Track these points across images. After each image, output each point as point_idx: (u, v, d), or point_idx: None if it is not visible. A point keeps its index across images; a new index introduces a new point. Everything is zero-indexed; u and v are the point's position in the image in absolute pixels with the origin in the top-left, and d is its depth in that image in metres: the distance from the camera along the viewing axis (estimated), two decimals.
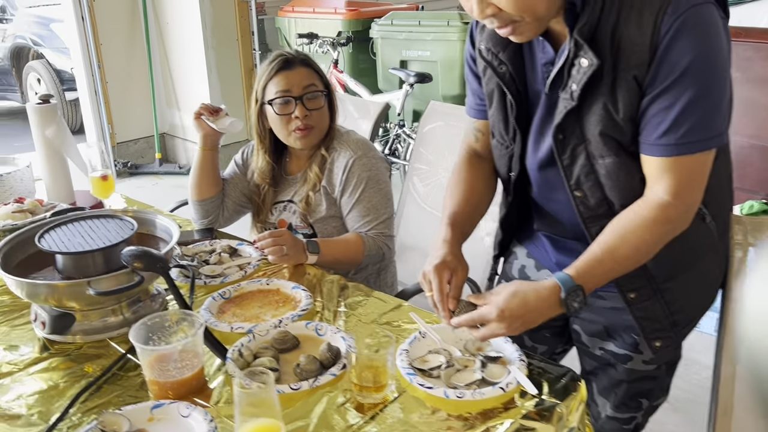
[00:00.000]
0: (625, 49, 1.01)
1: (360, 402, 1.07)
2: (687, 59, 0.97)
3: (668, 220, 1.07)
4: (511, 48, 1.16)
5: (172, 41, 4.75)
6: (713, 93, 1.01)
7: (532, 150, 1.23)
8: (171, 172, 4.92)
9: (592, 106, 1.07)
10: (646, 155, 1.07)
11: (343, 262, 1.64)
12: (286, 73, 1.65)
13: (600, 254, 1.08)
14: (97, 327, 1.28)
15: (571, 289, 1.05)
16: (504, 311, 1.04)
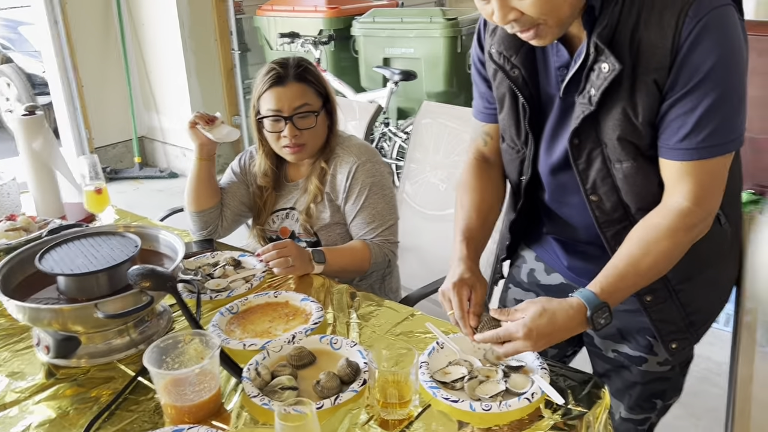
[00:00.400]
0: (645, 52, 1.00)
1: (384, 419, 1.05)
2: (709, 62, 0.96)
3: (690, 227, 1.06)
4: (523, 51, 1.14)
5: (149, 42, 4.66)
6: (734, 96, 1.00)
7: (544, 154, 1.21)
8: (151, 176, 4.83)
9: (610, 110, 1.05)
10: (665, 159, 1.06)
11: (350, 270, 1.61)
12: (278, 90, 1.60)
13: (623, 268, 1.06)
14: (102, 349, 1.24)
15: (597, 307, 1.04)
16: (532, 330, 1.02)
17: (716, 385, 2.37)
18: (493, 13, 1.00)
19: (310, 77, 1.63)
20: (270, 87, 1.60)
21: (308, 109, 1.61)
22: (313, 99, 1.63)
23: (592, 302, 1.04)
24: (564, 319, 1.03)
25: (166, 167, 4.95)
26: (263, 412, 1.07)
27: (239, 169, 1.80)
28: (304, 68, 1.63)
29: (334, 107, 1.69)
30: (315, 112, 1.62)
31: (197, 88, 4.63)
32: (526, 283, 1.44)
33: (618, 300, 1.07)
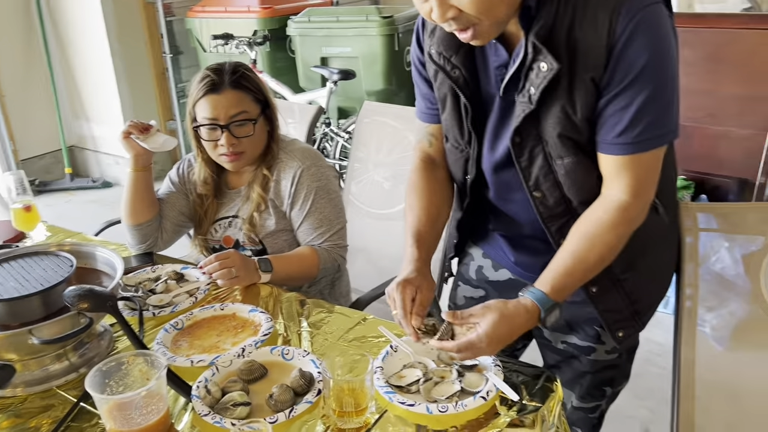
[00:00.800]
0: (581, 50, 1.01)
1: (341, 428, 1.03)
2: (642, 60, 0.99)
3: (630, 220, 1.09)
4: (463, 51, 1.15)
5: (74, 48, 4.47)
6: (666, 90, 1.03)
7: (488, 153, 1.22)
8: (84, 186, 4.65)
9: (550, 108, 1.07)
10: (603, 154, 1.09)
11: (298, 277, 1.58)
12: (213, 98, 1.55)
13: (571, 265, 1.09)
14: (40, 376, 1.17)
15: (550, 308, 1.07)
16: (492, 339, 1.03)
17: (658, 365, 2.45)
18: (431, 11, 0.99)
19: (247, 83, 1.58)
20: (205, 94, 1.55)
21: (245, 117, 1.57)
22: (251, 106, 1.59)
23: (545, 303, 1.07)
24: (520, 322, 1.06)
25: (99, 177, 4.77)
26: (215, 430, 1.03)
27: (177, 179, 1.75)
28: (241, 74, 1.58)
29: (273, 112, 1.64)
30: (253, 119, 1.58)
31: (128, 94, 4.47)
32: (475, 280, 1.45)
33: (567, 296, 1.10)
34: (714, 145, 2.78)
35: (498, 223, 1.33)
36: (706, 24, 2.68)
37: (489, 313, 1.05)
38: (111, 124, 4.56)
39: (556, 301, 1.07)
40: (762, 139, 2.66)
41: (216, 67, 1.59)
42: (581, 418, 1.42)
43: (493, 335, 1.03)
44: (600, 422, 1.47)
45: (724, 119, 2.74)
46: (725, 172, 2.81)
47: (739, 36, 2.63)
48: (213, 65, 1.60)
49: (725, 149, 2.78)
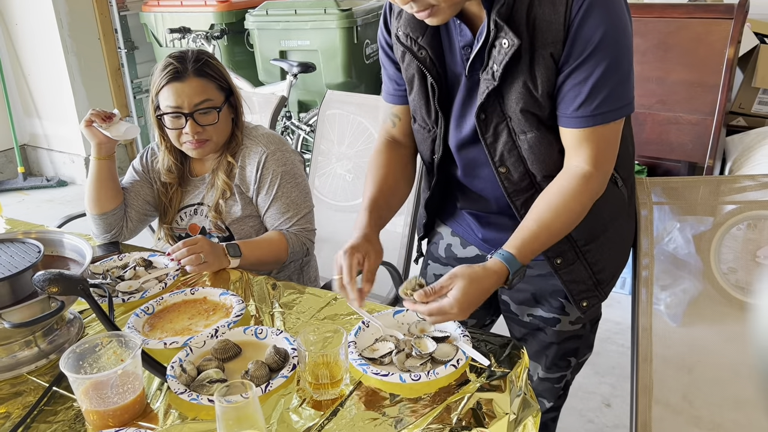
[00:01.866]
0: (541, 28, 1.06)
1: (317, 400, 1.06)
2: (598, 35, 1.04)
3: (592, 189, 1.14)
4: (429, 32, 1.18)
5: (24, 44, 4.35)
6: (622, 64, 1.08)
7: (454, 131, 1.26)
8: (38, 186, 4.53)
9: (512, 84, 1.11)
10: (564, 128, 1.14)
11: (267, 262, 1.59)
12: (177, 86, 1.54)
13: (537, 230, 1.13)
14: (8, 363, 1.16)
15: (517, 270, 1.11)
16: (463, 303, 1.06)
17: (616, 343, 2.54)
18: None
19: (211, 71, 1.58)
20: (168, 82, 1.54)
21: (209, 105, 1.56)
22: (215, 94, 1.58)
23: (514, 265, 1.11)
24: (489, 284, 1.09)
25: (54, 175, 4.65)
26: (192, 408, 1.04)
27: (141, 168, 1.73)
28: (204, 62, 1.57)
29: (238, 100, 1.65)
30: (217, 107, 1.58)
31: (82, 91, 4.38)
32: (444, 258, 1.48)
33: (530, 259, 1.14)
34: (664, 130, 2.89)
35: (465, 200, 1.37)
36: (655, 14, 2.78)
37: (457, 280, 1.08)
38: (65, 122, 4.46)
39: (523, 265, 1.11)
40: (710, 124, 2.77)
41: (179, 54, 1.58)
42: (548, 389, 1.48)
43: (463, 300, 1.06)
44: (565, 393, 1.53)
45: (673, 105, 2.84)
46: (675, 156, 2.93)
47: (685, 25, 2.74)
48: (176, 53, 1.59)
49: (675, 134, 2.89)
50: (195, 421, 1.02)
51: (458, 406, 1.02)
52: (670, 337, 1.51)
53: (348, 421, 1.01)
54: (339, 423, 1.00)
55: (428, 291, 1.08)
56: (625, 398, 2.27)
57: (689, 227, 1.58)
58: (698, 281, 1.54)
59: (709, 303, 1.53)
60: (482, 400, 1.04)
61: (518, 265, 1.11)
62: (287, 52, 4.04)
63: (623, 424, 2.15)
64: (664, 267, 1.48)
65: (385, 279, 1.99)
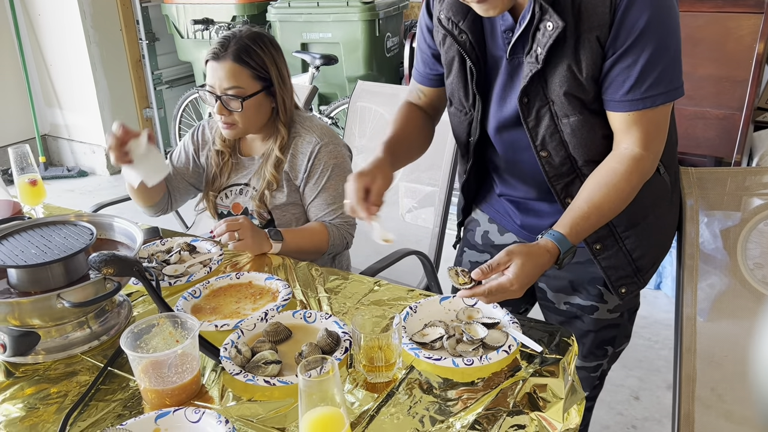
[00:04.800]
0: (586, 11, 1.07)
1: (371, 383, 1.07)
2: (645, 18, 1.05)
3: (642, 170, 1.15)
4: (471, 17, 1.19)
5: (47, 34, 4.37)
6: (670, 48, 1.09)
7: (494, 114, 1.27)
8: (59, 176, 4.56)
9: (556, 67, 1.12)
10: (613, 112, 1.14)
11: (308, 251, 1.60)
12: (213, 65, 1.56)
13: (587, 210, 1.14)
14: (61, 344, 1.17)
15: (568, 250, 1.11)
16: (522, 279, 1.07)
17: (644, 337, 2.54)
18: None
19: (249, 59, 1.55)
20: (210, 59, 1.57)
21: (237, 93, 1.54)
22: (247, 82, 1.55)
23: (565, 245, 1.11)
24: (543, 262, 1.10)
25: (74, 166, 4.68)
26: (246, 389, 1.06)
27: (192, 146, 1.76)
28: (244, 47, 1.55)
29: (282, 91, 1.61)
30: (243, 97, 1.54)
31: (104, 81, 4.40)
32: (481, 245, 1.49)
33: (581, 239, 1.15)
34: (691, 125, 2.88)
35: (504, 186, 1.38)
36: (684, 7, 2.76)
37: (515, 257, 1.08)
38: (86, 113, 4.48)
39: (573, 244, 1.12)
40: (737, 119, 2.76)
41: (230, 33, 1.58)
42: (584, 378, 1.48)
43: (522, 276, 1.07)
44: (601, 383, 1.53)
45: (700, 100, 2.83)
46: (702, 152, 2.91)
47: (715, 19, 2.73)
48: (231, 31, 1.59)
49: (702, 129, 2.87)
50: (252, 401, 1.03)
51: (514, 391, 1.03)
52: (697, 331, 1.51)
53: (404, 403, 1.02)
54: (395, 405, 1.01)
55: (485, 269, 1.08)
56: (654, 391, 2.27)
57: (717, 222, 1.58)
58: (725, 276, 1.54)
59: (735, 298, 1.53)
60: (537, 385, 1.04)
61: (569, 244, 1.11)
62: (309, 44, 4.05)
63: (653, 417, 2.15)
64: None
65: (417, 268, 2.00)
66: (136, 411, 1.03)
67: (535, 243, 1.12)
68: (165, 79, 4.64)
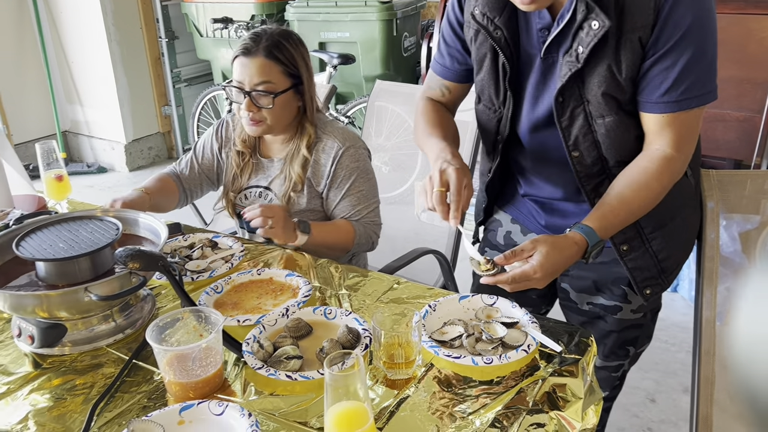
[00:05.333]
0: (630, 11, 1.07)
1: (390, 379, 1.08)
2: (688, 20, 1.05)
3: (673, 171, 1.15)
4: (506, 13, 1.19)
5: (69, 32, 4.43)
6: (708, 51, 1.09)
7: (525, 113, 1.26)
8: (78, 171, 4.62)
9: (596, 67, 1.12)
10: (646, 113, 1.14)
11: (333, 247, 1.59)
12: (243, 61, 1.54)
13: (617, 206, 1.14)
14: (87, 336, 1.20)
15: (596, 243, 1.11)
16: (546, 269, 1.07)
17: (659, 339, 2.54)
18: None
19: (280, 55, 1.54)
20: (239, 55, 1.56)
21: (268, 89, 1.54)
22: (279, 78, 1.55)
23: (593, 238, 1.11)
24: (570, 253, 1.10)
25: (94, 162, 4.74)
26: (268, 383, 1.07)
27: (216, 143, 1.76)
28: (276, 43, 1.54)
29: (309, 89, 1.61)
30: (274, 93, 1.55)
31: (123, 79, 4.45)
32: (503, 246, 1.49)
33: (609, 235, 1.15)
34: (710, 127, 2.86)
35: (529, 186, 1.38)
36: None
37: (540, 245, 1.08)
38: (106, 109, 4.53)
39: (602, 239, 1.12)
40: (758, 122, 2.74)
41: (260, 30, 1.57)
42: (604, 378, 1.48)
43: (546, 265, 1.07)
44: (621, 383, 1.54)
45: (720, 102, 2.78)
46: (721, 154, 2.90)
47: (737, 20, 2.71)
48: (260, 27, 1.58)
49: (722, 131, 2.86)
50: (273, 395, 1.05)
51: (533, 390, 1.03)
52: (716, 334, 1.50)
53: (423, 400, 1.03)
54: (414, 402, 1.02)
55: (508, 254, 1.08)
56: (670, 394, 2.26)
57: (735, 225, 1.57)
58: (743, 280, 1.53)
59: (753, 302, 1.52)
60: (557, 384, 1.05)
61: (597, 238, 1.11)
62: (326, 43, 4.07)
63: (669, 420, 2.14)
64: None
65: (434, 268, 2.01)
66: (160, 403, 1.05)
67: (563, 235, 1.12)
68: (184, 77, 4.69)
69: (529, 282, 1.08)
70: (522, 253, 1.09)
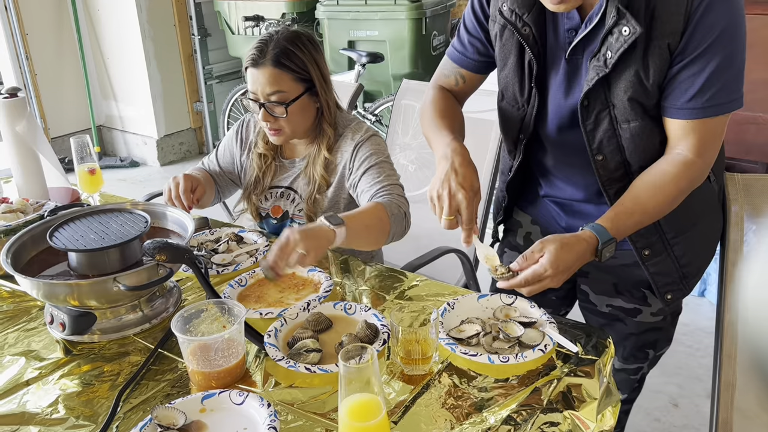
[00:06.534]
0: (660, 17, 1.06)
1: (407, 375, 1.10)
2: (718, 28, 1.04)
3: (692, 176, 1.15)
4: (535, 11, 1.19)
5: (105, 28, 4.54)
6: (736, 59, 1.08)
7: (550, 113, 1.26)
8: (112, 165, 4.73)
9: (623, 73, 1.12)
10: (671, 118, 1.14)
11: (373, 228, 1.41)
12: (253, 72, 1.51)
13: (631, 207, 1.14)
14: (115, 325, 1.24)
15: (607, 241, 1.11)
16: (557, 266, 1.08)
17: (684, 344, 2.51)
18: None
19: (288, 62, 1.50)
20: (249, 66, 1.53)
21: (280, 98, 1.50)
22: (289, 85, 1.51)
23: (604, 236, 1.12)
24: (580, 250, 1.10)
25: (127, 156, 4.85)
26: (288, 375, 1.10)
27: (238, 144, 1.75)
28: (283, 50, 1.50)
29: (324, 91, 1.58)
30: (286, 102, 1.50)
31: (157, 75, 4.54)
32: (523, 247, 1.49)
33: (624, 236, 1.15)
34: (742, 130, 2.81)
35: (550, 187, 1.38)
36: None
37: (548, 244, 1.09)
38: (139, 105, 4.63)
39: (613, 237, 1.12)
40: None
41: (266, 37, 1.53)
42: (623, 380, 1.48)
43: (556, 262, 1.07)
44: (640, 386, 1.53)
45: (752, 104, 2.75)
46: (753, 157, 2.84)
47: None
48: (265, 35, 1.55)
49: (753, 134, 2.80)
50: (293, 387, 1.07)
51: (548, 389, 1.04)
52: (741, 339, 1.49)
53: (438, 396, 1.04)
54: (430, 397, 1.04)
55: (521, 260, 1.10)
56: (693, 399, 2.24)
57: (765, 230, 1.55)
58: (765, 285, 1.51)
59: None
60: (572, 384, 1.06)
61: (608, 236, 1.11)
62: (355, 42, 4.09)
63: (691, 425, 2.12)
64: None
65: (456, 267, 2.02)
66: (183, 391, 1.08)
67: (573, 233, 1.13)
68: (215, 73, 4.76)
69: (543, 282, 1.09)
70: (533, 255, 1.10)
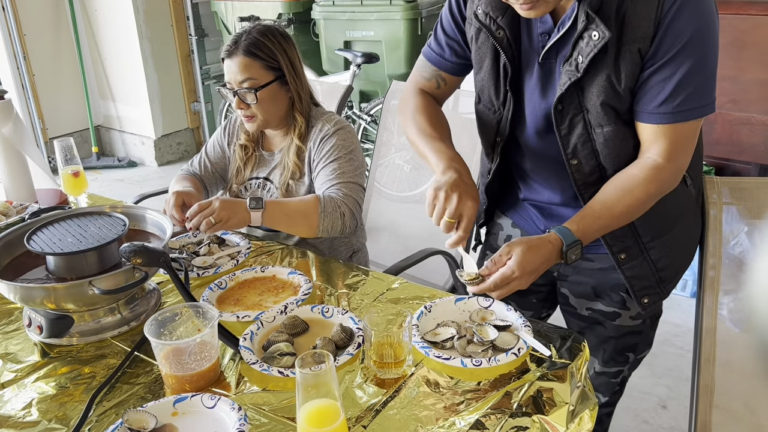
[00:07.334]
0: (630, 22, 1.06)
1: (380, 378, 1.10)
2: (688, 33, 1.04)
3: (661, 181, 1.15)
4: (509, 14, 1.19)
5: (102, 29, 4.55)
6: (708, 64, 1.08)
7: (527, 118, 1.26)
8: (110, 165, 4.75)
9: (595, 77, 1.12)
10: (642, 123, 1.14)
11: (295, 219, 1.55)
12: (227, 62, 1.63)
13: (598, 210, 1.15)
14: (94, 327, 1.25)
15: (571, 243, 1.13)
16: (524, 267, 1.09)
17: (675, 345, 2.50)
18: None
19: (258, 50, 1.60)
20: (224, 57, 1.64)
21: (250, 85, 1.60)
22: (260, 73, 1.60)
23: (568, 238, 1.13)
24: (546, 252, 1.12)
25: (125, 156, 4.86)
26: (262, 378, 1.10)
27: (226, 139, 1.83)
28: (253, 41, 1.60)
29: (295, 81, 1.65)
30: (257, 88, 1.59)
31: (154, 75, 4.55)
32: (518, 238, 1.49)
33: (590, 239, 1.16)
34: (735, 130, 2.80)
35: (528, 190, 1.38)
36: (732, 10, 2.69)
37: (515, 247, 1.11)
38: (137, 105, 4.65)
39: (578, 240, 1.13)
40: None
41: (241, 31, 1.64)
42: (604, 383, 1.48)
43: (523, 263, 1.09)
44: (621, 389, 1.53)
45: (746, 105, 2.75)
46: (746, 158, 2.83)
47: (763, 22, 2.65)
48: (242, 29, 1.65)
49: (747, 135, 2.80)
50: (266, 391, 1.08)
51: (519, 393, 1.04)
52: (733, 342, 1.48)
53: (410, 400, 1.04)
54: (401, 401, 1.04)
55: (489, 265, 1.11)
56: (682, 401, 2.23)
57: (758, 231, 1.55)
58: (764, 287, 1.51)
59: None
60: (543, 388, 1.06)
61: (573, 238, 1.13)
62: (351, 42, 4.10)
63: (679, 427, 2.12)
64: (729, 271, 1.45)
65: (443, 268, 2.02)
66: (158, 395, 1.09)
67: (539, 236, 1.14)
68: (213, 74, 4.77)
69: (511, 284, 1.10)
70: (500, 259, 1.11)
